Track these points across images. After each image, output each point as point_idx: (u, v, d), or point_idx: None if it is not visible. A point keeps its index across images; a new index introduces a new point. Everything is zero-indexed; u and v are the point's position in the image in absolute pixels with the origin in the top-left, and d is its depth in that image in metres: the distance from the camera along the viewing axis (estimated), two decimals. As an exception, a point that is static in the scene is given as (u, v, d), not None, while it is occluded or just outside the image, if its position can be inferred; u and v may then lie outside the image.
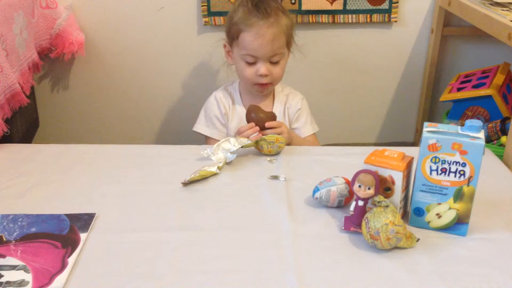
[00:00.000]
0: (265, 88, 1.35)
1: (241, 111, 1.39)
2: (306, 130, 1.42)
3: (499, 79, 1.62)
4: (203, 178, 1.07)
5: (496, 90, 1.57)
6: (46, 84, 1.83)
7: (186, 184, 1.05)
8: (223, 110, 1.40)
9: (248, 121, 1.27)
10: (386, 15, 1.78)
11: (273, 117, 1.28)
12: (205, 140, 1.42)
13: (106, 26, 1.75)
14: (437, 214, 0.90)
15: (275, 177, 1.08)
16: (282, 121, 1.39)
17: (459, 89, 1.67)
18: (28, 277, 0.79)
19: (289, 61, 1.41)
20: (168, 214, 0.95)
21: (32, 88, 1.61)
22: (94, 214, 0.94)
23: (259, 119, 1.26)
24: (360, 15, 1.77)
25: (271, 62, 1.32)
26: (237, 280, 0.79)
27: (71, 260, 0.82)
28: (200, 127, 1.42)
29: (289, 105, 1.42)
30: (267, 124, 1.26)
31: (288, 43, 1.35)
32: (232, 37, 1.33)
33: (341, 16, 1.77)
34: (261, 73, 1.31)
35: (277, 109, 1.40)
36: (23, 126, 1.56)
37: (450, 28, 1.81)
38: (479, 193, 0.88)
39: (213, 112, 1.40)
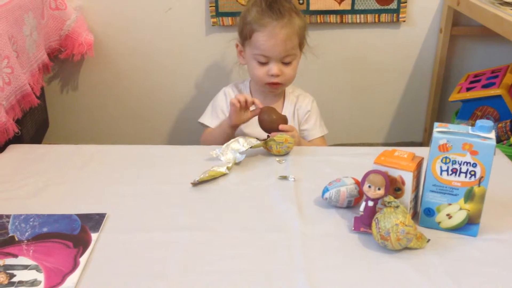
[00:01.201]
0: (276, 87, 1.36)
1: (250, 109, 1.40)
2: (315, 133, 1.43)
3: (509, 78, 1.62)
4: (213, 179, 1.08)
5: (506, 90, 1.57)
6: (55, 84, 1.84)
7: (195, 184, 1.05)
8: (229, 103, 1.40)
9: (260, 122, 1.27)
10: (395, 15, 1.77)
11: (285, 120, 1.29)
12: (204, 130, 1.42)
13: (115, 27, 1.76)
14: (448, 215, 0.90)
15: (284, 178, 1.08)
16: (292, 122, 1.39)
17: (468, 89, 1.67)
18: (40, 276, 0.80)
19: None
20: (178, 214, 0.96)
21: (42, 89, 1.62)
22: (105, 214, 0.94)
23: (272, 120, 1.26)
24: (368, 15, 1.77)
25: (283, 62, 1.32)
26: (247, 280, 0.79)
27: (82, 259, 0.83)
28: (205, 118, 1.43)
29: (299, 106, 1.42)
30: (280, 127, 1.26)
31: (301, 44, 1.35)
32: (245, 37, 1.34)
33: (349, 16, 1.77)
34: (273, 73, 1.31)
35: (287, 110, 1.41)
36: (33, 126, 1.57)
37: (459, 28, 1.80)
38: (489, 194, 0.88)
39: (220, 106, 1.41)
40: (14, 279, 0.79)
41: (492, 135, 0.86)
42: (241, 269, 0.82)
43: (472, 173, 0.86)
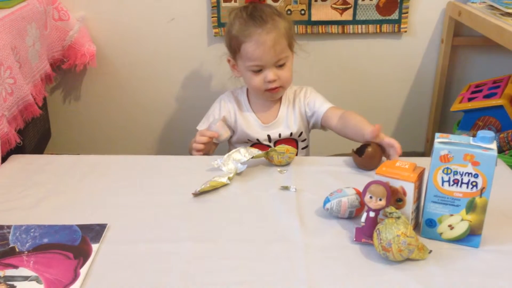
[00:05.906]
0: (276, 92, 1.36)
1: (249, 113, 1.40)
2: (325, 107, 1.40)
3: (511, 89, 1.62)
4: (214, 189, 1.08)
5: (508, 100, 1.56)
6: (58, 95, 1.85)
7: (196, 195, 1.05)
8: (223, 112, 1.41)
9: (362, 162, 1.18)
10: (396, 25, 1.78)
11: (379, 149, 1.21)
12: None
13: (117, 38, 1.77)
14: (449, 226, 0.90)
15: (286, 188, 1.08)
16: (299, 118, 1.39)
17: (470, 99, 1.67)
18: None
19: (299, 70, 1.41)
20: (179, 225, 0.96)
21: (44, 99, 1.62)
22: (106, 224, 0.94)
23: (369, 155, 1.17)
24: (370, 25, 1.77)
25: (277, 66, 1.32)
26: (248, 292, 0.79)
27: (83, 271, 0.83)
28: (199, 124, 1.43)
29: (298, 99, 1.41)
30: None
31: (290, 45, 1.35)
32: (234, 50, 1.34)
33: (351, 26, 1.77)
34: (269, 79, 1.31)
35: (284, 110, 1.40)
36: (35, 137, 1.57)
37: (460, 38, 1.80)
38: (491, 204, 0.87)
39: (213, 113, 1.42)
40: (14, 290, 0.79)
41: (494, 145, 0.86)
42: (242, 280, 0.82)
43: (474, 183, 0.86)
